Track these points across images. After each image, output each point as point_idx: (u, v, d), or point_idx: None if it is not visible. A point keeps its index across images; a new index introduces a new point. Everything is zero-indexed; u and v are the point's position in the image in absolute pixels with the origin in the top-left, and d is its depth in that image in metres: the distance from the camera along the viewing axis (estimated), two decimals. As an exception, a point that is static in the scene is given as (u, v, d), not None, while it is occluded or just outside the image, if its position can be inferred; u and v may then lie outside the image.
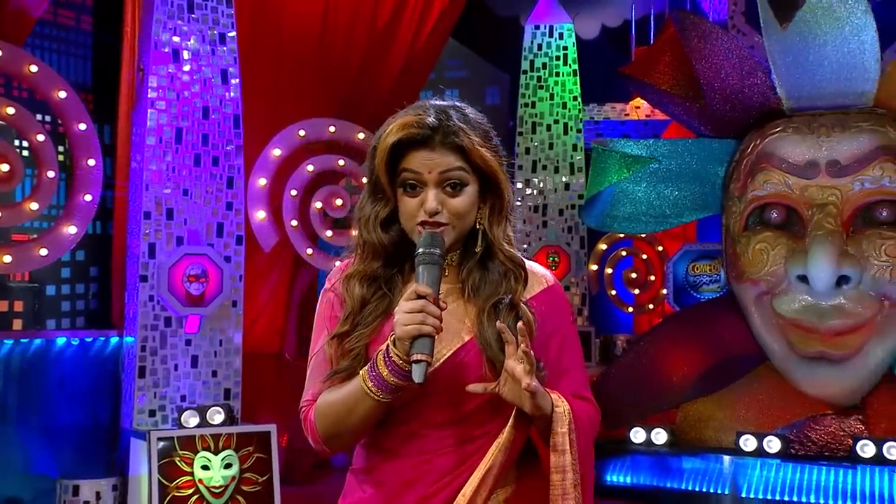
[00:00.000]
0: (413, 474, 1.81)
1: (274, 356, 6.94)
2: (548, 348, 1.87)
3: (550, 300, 1.92)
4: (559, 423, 1.77)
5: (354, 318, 1.85)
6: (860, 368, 6.22)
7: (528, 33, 8.33)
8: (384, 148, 1.86)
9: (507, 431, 1.78)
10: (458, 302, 1.87)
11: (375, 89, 7.09)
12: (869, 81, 6.25)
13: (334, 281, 1.95)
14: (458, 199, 1.82)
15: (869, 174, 6.22)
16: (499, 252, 1.87)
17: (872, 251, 6.15)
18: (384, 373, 1.73)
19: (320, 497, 6.98)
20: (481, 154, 1.83)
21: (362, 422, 1.79)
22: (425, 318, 1.67)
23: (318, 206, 6.27)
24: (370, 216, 1.88)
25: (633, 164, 6.35)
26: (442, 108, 1.88)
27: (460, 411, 1.80)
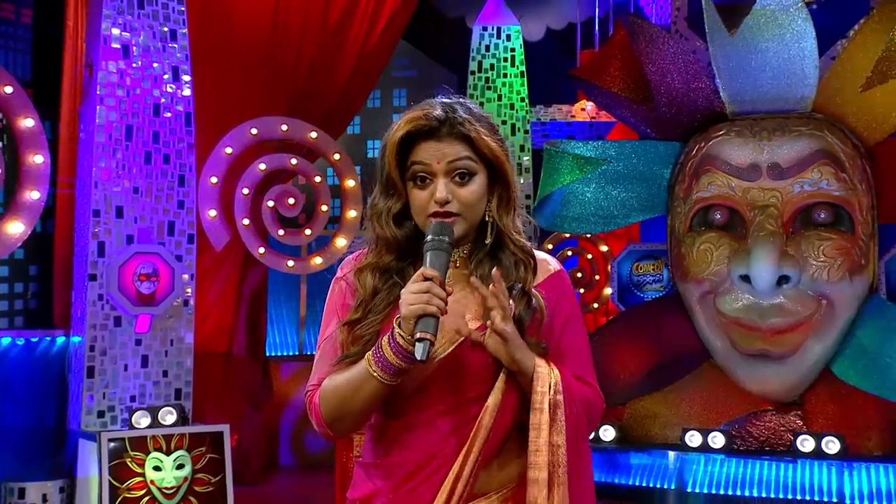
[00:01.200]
0: (419, 460, 1.84)
1: (222, 355, 6.89)
2: (552, 331, 1.92)
3: (556, 285, 1.97)
4: (539, 381, 1.81)
5: (366, 306, 1.89)
6: (799, 366, 6.41)
7: (476, 34, 8.39)
8: (393, 142, 1.89)
9: (494, 392, 1.82)
10: (468, 291, 1.90)
11: (327, 88, 7.08)
12: (808, 87, 6.45)
13: (346, 271, 1.99)
14: (467, 189, 1.87)
15: (808, 177, 6.41)
16: (509, 242, 1.91)
17: (811, 252, 6.35)
18: (388, 354, 1.76)
19: (271, 497, 6.97)
20: (488, 144, 1.88)
21: (365, 404, 1.82)
22: (430, 299, 1.71)
23: (271, 204, 6.25)
24: (383, 211, 1.92)
25: (585, 165, 6.46)
26: (447, 103, 1.92)
27: (467, 396, 1.84)
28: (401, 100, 9.74)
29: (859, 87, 6.25)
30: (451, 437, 1.82)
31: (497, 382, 1.83)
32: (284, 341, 8.19)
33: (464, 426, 1.82)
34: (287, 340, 8.25)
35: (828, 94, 6.48)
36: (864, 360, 6.29)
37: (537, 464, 1.79)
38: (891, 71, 6.11)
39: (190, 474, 5.35)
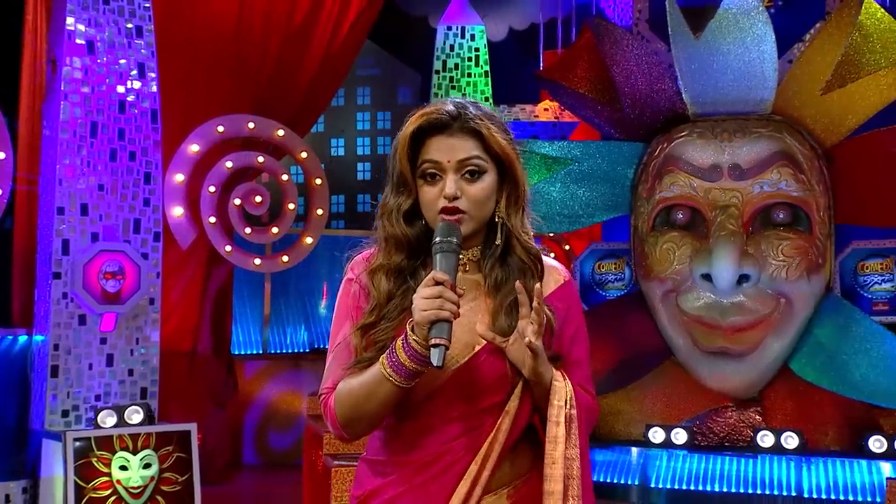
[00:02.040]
0: (428, 461, 1.86)
1: (186, 354, 6.85)
2: (562, 342, 1.93)
3: (566, 296, 1.98)
4: (556, 395, 1.83)
5: (380, 311, 1.89)
6: (758, 363, 6.53)
7: (441, 34, 8.43)
8: (405, 137, 1.89)
9: (513, 399, 1.85)
10: (481, 298, 1.91)
11: (293, 87, 7.07)
12: (767, 89, 6.58)
13: (358, 272, 1.98)
14: (476, 186, 1.87)
15: (768, 178, 6.54)
16: (517, 244, 1.92)
17: (770, 251, 6.48)
18: (403, 358, 1.77)
19: (236, 496, 6.95)
20: (498, 141, 1.88)
21: (381, 407, 1.83)
22: (443, 304, 1.72)
23: (237, 202, 6.22)
24: (393, 209, 1.92)
25: (553, 164, 6.52)
26: (459, 101, 1.93)
27: (477, 407, 1.85)
28: (364, 98, 9.74)
29: (819, 90, 6.39)
30: (461, 439, 1.85)
31: (516, 389, 1.85)
32: (248, 340, 8.17)
33: (474, 431, 1.84)
34: (251, 339, 8.22)
35: (787, 96, 6.62)
36: (822, 357, 6.44)
37: (553, 476, 1.81)
38: (850, 75, 6.24)
39: (157, 474, 5.32)
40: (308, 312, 8.51)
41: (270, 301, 8.21)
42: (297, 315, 8.42)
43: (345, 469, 4.84)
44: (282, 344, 8.35)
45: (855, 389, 6.27)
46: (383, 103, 9.82)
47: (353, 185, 8.90)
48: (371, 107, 9.84)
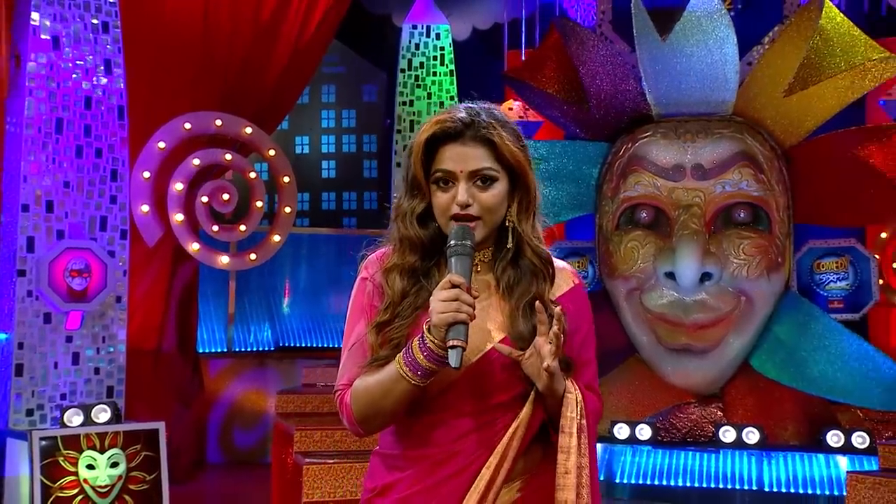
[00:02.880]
0: (441, 458, 1.89)
1: (151, 352, 6.80)
2: (572, 343, 1.96)
3: (576, 298, 2.02)
4: (569, 407, 1.87)
5: (394, 309, 1.92)
6: (720, 360, 6.66)
7: (406, 32, 8.45)
8: (418, 144, 1.94)
9: (526, 407, 1.88)
10: (495, 298, 1.95)
11: (260, 84, 7.04)
12: (729, 91, 6.70)
13: (373, 271, 2.02)
14: (488, 193, 1.91)
15: (729, 178, 6.67)
16: (527, 248, 1.95)
17: (732, 250, 6.61)
18: (419, 358, 1.81)
19: (202, 495, 6.92)
20: (511, 149, 1.93)
21: (396, 405, 1.86)
22: (460, 307, 1.76)
23: (205, 200, 6.20)
24: (407, 212, 1.96)
25: (521, 165, 6.56)
26: (473, 108, 1.97)
27: (489, 403, 1.89)
28: (330, 96, 9.72)
29: (781, 92, 6.51)
30: (472, 435, 1.88)
31: (529, 398, 1.89)
32: (212, 338, 8.12)
33: (485, 427, 1.88)
34: (215, 337, 8.17)
35: (747, 98, 6.75)
36: (781, 354, 6.58)
37: (566, 486, 1.85)
38: (811, 78, 6.38)
39: (124, 472, 5.29)
40: (272, 311, 8.49)
41: (235, 299, 8.18)
42: (261, 313, 8.39)
43: (316, 467, 4.86)
44: (246, 342, 8.32)
45: (813, 385, 6.43)
46: (348, 101, 9.81)
47: (317, 183, 8.90)
48: (336, 105, 9.83)
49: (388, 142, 8.87)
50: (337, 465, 4.90)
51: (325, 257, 8.81)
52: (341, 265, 8.91)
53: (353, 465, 4.92)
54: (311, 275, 8.73)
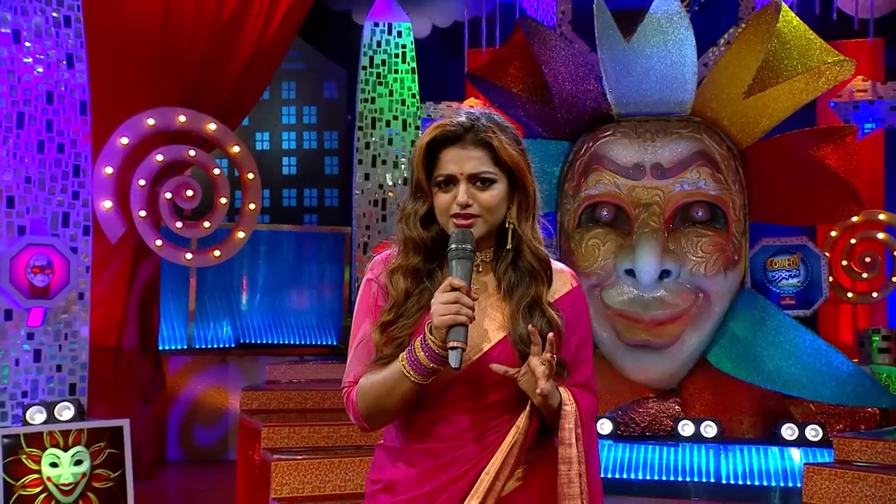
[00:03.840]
0: (446, 459, 1.96)
1: (111, 350, 6.74)
2: (569, 343, 2.04)
3: (575, 301, 2.09)
4: (567, 419, 1.95)
5: (398, 308, 1.99)
6: (678, 355, 6.79)
7: (367, 30, 8.47)
8: (420, 147, 2.00)
9: (523, 418, 1.96)
10: (494, 298, 2.02)
11: (222, 80, 7.01)
12: (687, 91, 6.83)
13: (378, 272, 2.08)
14: (487, 194, 1.97)
15: (688, 177, 6.79)
16: (526, 250, 2.01)
17: (690, 248, 6.74)
18: (421, 357, 1.88)
19: (166, 492, 6.89)
20: (509, 152, 1.98)
21: (400, 402, 1.94)
22: (460, 309, 1.83)
23: (168, 196, 6.16)
24: (410, 214, 2.03)
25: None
26: (472, 112, 2.03)
27: (487, 401, 1.97)
28: (290, 92, 9.69)
29: (740, 94, 6.65)
30: (469, 433, 1.96)
31: (526, 408, 1.96)
32: (172, 335, 8.07)
33: (482, 424, 1.96)
34: (175, 334, 8.12)
35: (705, 99, 6.88)
36: (737, 349, 6.73)
37: (571, 494, 1.95)
38: (769, 80, 6.52)
39: (88, 470, 5.25)
40: (233, 307, 8.46)
41: (196, 296, 8.14)
42: (222, 310, 8.36)
43: (284, 463, 4.87)
44: (207, 339, 8.28)
45: (768, 380, 6.59)
46: (309, 98, 9.79)
47: (278, 179, 8.87)
48: (297, 101, 9.80)
49: (349, 138, 8.88)
50: (305, 461, 4.92)
51: (285, 254, 8.80)
52: (302, 262, 8.91)
53: (321, 462, 4.94)
54: (271, 272, 8.72)
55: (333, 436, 5.38)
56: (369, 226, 8.30)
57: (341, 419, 5.69)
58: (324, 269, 8.85)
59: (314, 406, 6.07)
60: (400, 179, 8.34)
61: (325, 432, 5.38)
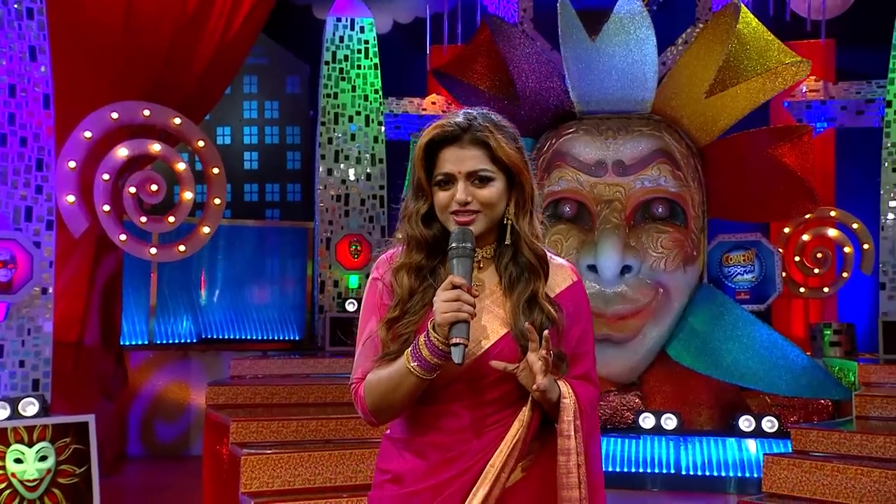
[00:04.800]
0: (454, 452, 2.01)
1: (72, 345, 6.67)
2: (570, 336, 2.09)
3: (575, 295, 2.13)
4: (565, 412, 2.01)
5: (404, 306, 2.04)
6: (638, 349, 6.93)
7: (330, 25, 8.46)
8: (420, 147, 2.05)
9: (526, 411, 2.01)
10: (497, 294, 2.07)
11: (185, 75, 6.96)
12: (648, 90, 6.96)
13: (383, 271, 2.12)
14: (485, 191, 2.02)
15: (648, 174, 6.93)
16: (524, 245, 2.05)
17: (650, 244, 6.88)
18: (425, 353, 1.93)
19: (130, 488, 6.84)
20: (506, 151, 2.03)
21: (405, 397, 2.00)
22: (461, 307, 1.89)
23: (132, 191, 6.12)
24: (412, 213, 2.07)
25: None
26: (470, 112, 2.08)
27: (490, 395, 2.02)
28: (252, 87, 9.65)
29: (702, 93, 6.79)
30: (474, 426, 2.01)
31: (528, 402, 2.01)
32: (133, 330, 8.00)
33: (486, 418, 2.02)
34: (136, 329, 8.05)
35: (665, 97, 7.02)
36: (696, 343, 6.89)
37: (570, 484, 2.01)
38: (729, 80, 6.67)
39: (53, 466, 5.20)
40: (194, 303, 8.41)
41: (157, 291, 8.08)
42: (183, 305, 8.31)
43: (254, 457, 4.88)
44: (168, 334, 8.22)
45: (727, 373, 6.75)
46: (271, 93, 9.75)
47: (239, 174, 8.83)
48: (258, 95, 9.75)
49: (312, 134, 8.87)
50: (275, 455, 4.92)
51: (247, 249, 8.76)
52: (264, 257, 8.88)
53: (290, 456, 4.95)
54: (233, 267, 8.68)
55: (302, 430, 5.39)
56: (332, 221, 8.31)
57: (309, 413, 5.72)
58: (286, 263, 8.83)
59: (281, 401, 6.08)
60: (363, 175, 8.36)
61: (294, 426, 5.39)
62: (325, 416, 5.56)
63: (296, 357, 7.13)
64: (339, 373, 6.79)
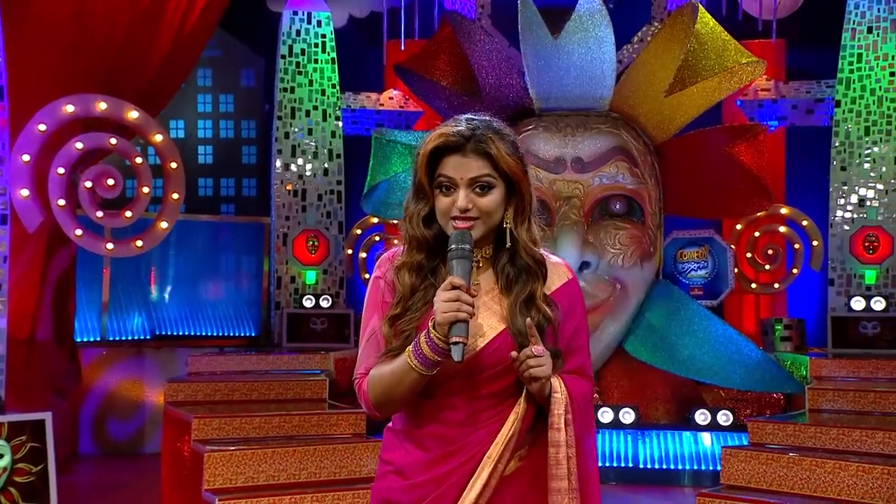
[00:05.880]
0: (455, 445, 2.09)
1: (24, 342, 6.52)
2: (564, 332, 2.16)
3: (569, 293, 2.21)
4: (556, 406, 2.08)
5: (405, 303, 2.12)
6: (597, 345, 6.98)
7: (287, 19, 8.39)
8: (424, 154, 2.12)
9: (521, 404, 2.10)
10: (494, 293, 2.15)
11: (142, 67, 6.84)
12: (606, 88, 7.03)
13: (385, 270, 2.20)
14: (485, 199, 2.09)
15: (606, 171, 7.00)
16: (522, 250, 2.13)
17: (608, 240, 6.95)
18: (426, 351, 2.01)
19: (81, 487, 6.73)
20: (507, 160, 2.09)
21: (407, 391, 2.08)
22: (461, 307, 1.97)
23: (88, 185, 6.00)
24: (414, 214, 2.14)
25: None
26: (474, 121, 2.13)
27: (488, 390, 2.10)
28: (206, 80, 9.52)
29: (661, 92, 6.88)
30: (473, 419, 2.09)
31: (522, 395, 2.09)
32: (85, 326, 7.85)
33: (483, 412, 2.10)
34: (88, 326, 7.91)
35: (623, 95, 7.09)
36: (653, 339, 6.98)
37: (559, 475, 2.09)
38: (688, 79, 6.76)
39: (9, 465, 5.09)
40: (148, 298, 8.29)
41: (110, 287, 7.94)
42: (136, 301, 8.18)
43: (218, 454, 4.83)
44: (121, 331, 8.09)
45: (683, 367, 6.85)
46: (226, 86, 9.62)
47: (193, 168, 8.67)
48: (213, 89, 9.62)
49: (267, 128, 8.79)
50: (238, 451, 4.88)
51: (202, 244, 8.66)
52: (219, 252, 8.79)
53: (254, 452, 4.91)
54: (188, 262, 8.57)
55: (265, 426, 5.35)
56: (289, 216, 8.24)
57: (271, 410, 5.69)
58: (241, 259, 8.74)
59: (242, 397, 6.02)
60: (320, 170, 8.31)
61: (257, 423, 5.35)
62: (289, 413, 5.54)
63: (253, 354, 7.07)
64: (298, 369, 6.76)
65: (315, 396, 6.07)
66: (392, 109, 8.66)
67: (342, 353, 7.20)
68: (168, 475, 5.76)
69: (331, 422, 5.52)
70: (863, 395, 5.99)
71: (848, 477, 4.84)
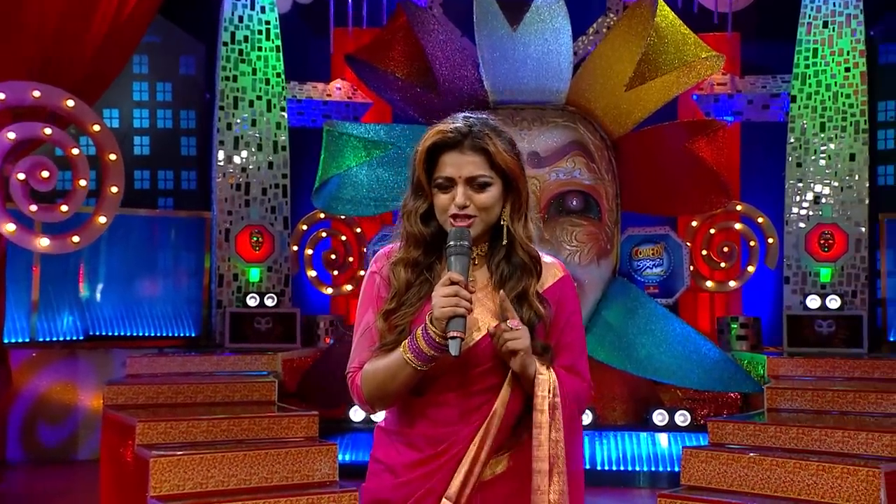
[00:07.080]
0: (444, 444, 2.11)
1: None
2: (555, 328, 2.20)
3: (562, 289, 2.24)
4: (540, 387, 2.10)
5: (400, 298, 2.15)
6: (553, 343, 6.81)
7: (228, 4, 8.03)
8: (422, 151, 2.15)
9: (505, 387, 2.12)
10: (489, 289, 2.18)
11: (78, 54, 6.45)
12: (563, 81, 6.85)
13: (381, 265, 2.23)
14: (483, 196, 2.13)
15: (563, 166, 6.83)
16: (518, 247, 2.17)
17: (565, 237, 6.78)
18: (422, 346, 2.04)
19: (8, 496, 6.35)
20: (504, 157, 2.14)
21: (401, 386, 2.11)
22: (459, 302, 2.00)
23: (22, 177, 5.62)
24: (411, 211, 2.18)
25: (374, 149, 6.42)
26: (471, 119, 2.17)
27: (479, 385, 2.13)
28: (142, 67, 9.08)
29: (621, 86, 6.72)
30: (464, 415, 2.12)
31: (507, 379, 2.12)
32: (13, 327, 7.40)
33: (475, 408, 2.13)
34: (16, 326, 7.47)
35: (580, 89, 6.92)
36: (610, 338, 6.82)
37: (540, 457, 2.10)
38: (648, 73, 6.61)
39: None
40: (81, 297, 7.87)
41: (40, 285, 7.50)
42: (68, 300, 7.76)
43: (164, 459, 4.57)
44: (52, 331, 7.66)
45: (640, 367, 6.71)
46: (163, 73, 9.20)
47: (129, 160, 8.20)
48: (150, 76, 9.19)
49: (208, 118, 8.42)
50: (186, 456, 4.63)
51: (139, 240, 8.26)
52: (157, 248, 8.41)
53: (202, 457, 4.66)
54: (123, 259, 8.16)
55: (213, 430, 5.09)
56: (231, 211, 7.90)
57: (217, 413, 5.40)
58: (180, 255, 8.36)
59: (186, 400, 5.72)
60: (265, 162, 7.99)
61: (205, 426, 5.08)
62: (237, 416, 5.30)
63: (195, 355, 6.75)
64: (244, 370, 6.48)
65: (263, 399, 5.82)
66: (340, 101, 8.37)
67: (290, 354, 6.95)
68: (108, 482, 5.44)
69: (282, 424, 5.29)
70: (821, 394, 5.95)
71: (808, 476, 4.80)
